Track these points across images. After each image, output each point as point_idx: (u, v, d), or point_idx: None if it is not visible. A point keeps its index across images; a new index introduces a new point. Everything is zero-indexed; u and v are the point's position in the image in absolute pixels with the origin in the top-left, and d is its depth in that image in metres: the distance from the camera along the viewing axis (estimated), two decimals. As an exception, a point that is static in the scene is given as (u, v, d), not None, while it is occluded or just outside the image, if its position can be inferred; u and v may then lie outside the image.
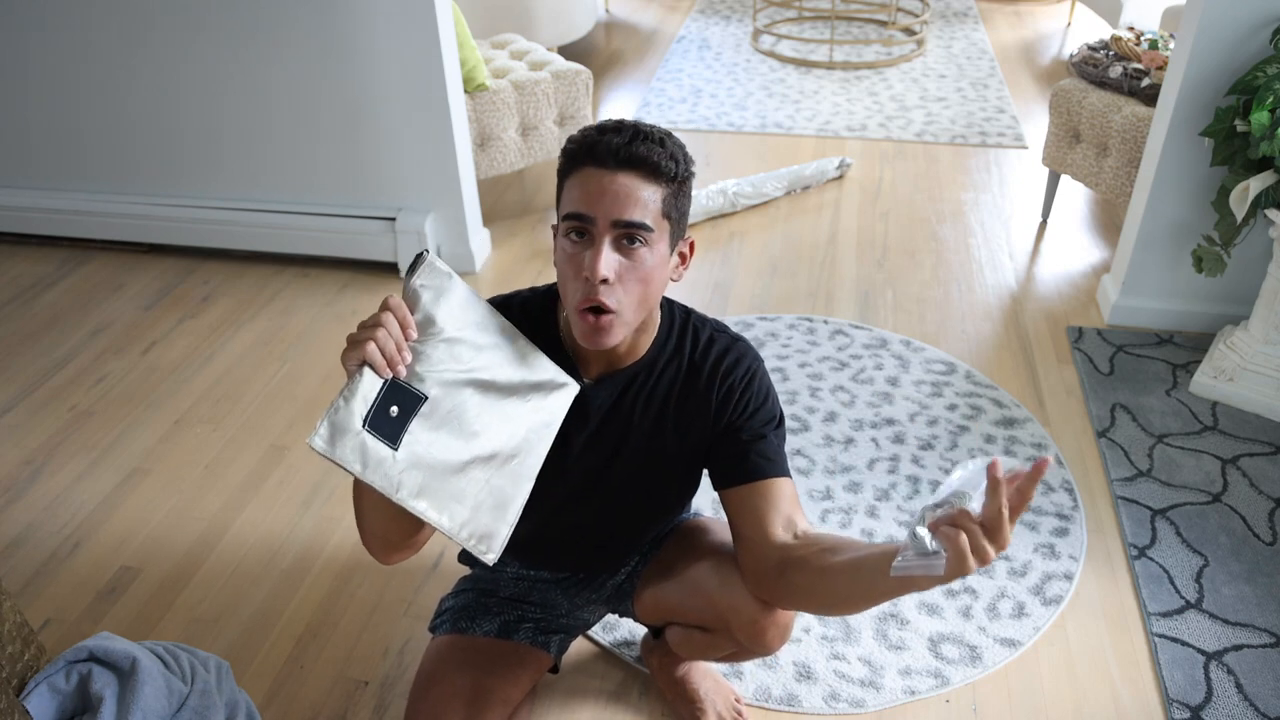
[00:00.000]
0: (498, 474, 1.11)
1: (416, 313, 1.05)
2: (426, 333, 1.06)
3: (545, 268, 2.94)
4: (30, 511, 2.08)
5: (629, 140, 1.08)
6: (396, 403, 1.02)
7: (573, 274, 1.11)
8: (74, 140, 2.97)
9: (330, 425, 0.98)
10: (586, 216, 1.09)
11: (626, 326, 1.14)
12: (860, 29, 5.01)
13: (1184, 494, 2.04)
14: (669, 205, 1.11)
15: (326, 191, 2.89)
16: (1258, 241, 2.42)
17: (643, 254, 1.10)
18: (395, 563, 1.23)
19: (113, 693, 1.26)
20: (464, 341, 1.09)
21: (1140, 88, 2.72)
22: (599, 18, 5.24)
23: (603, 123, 1.12)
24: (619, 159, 1.08)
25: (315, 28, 2.60)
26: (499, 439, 1.11)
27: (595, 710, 1.63)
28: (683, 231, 1.17)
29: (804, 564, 1.14)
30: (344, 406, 0.99)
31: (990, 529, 0.87)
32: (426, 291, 1.07)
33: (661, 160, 1.09)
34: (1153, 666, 1.70)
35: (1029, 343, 2.56)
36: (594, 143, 1.09)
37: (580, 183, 1.10)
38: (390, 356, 1.00)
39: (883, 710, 1.63)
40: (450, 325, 1.07)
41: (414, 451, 1.03)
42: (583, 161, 1.10)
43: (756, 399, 1.26)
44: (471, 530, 1.09)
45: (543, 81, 3.07)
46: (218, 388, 2.45)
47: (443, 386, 1.06)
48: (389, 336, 1.00)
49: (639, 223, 1.08)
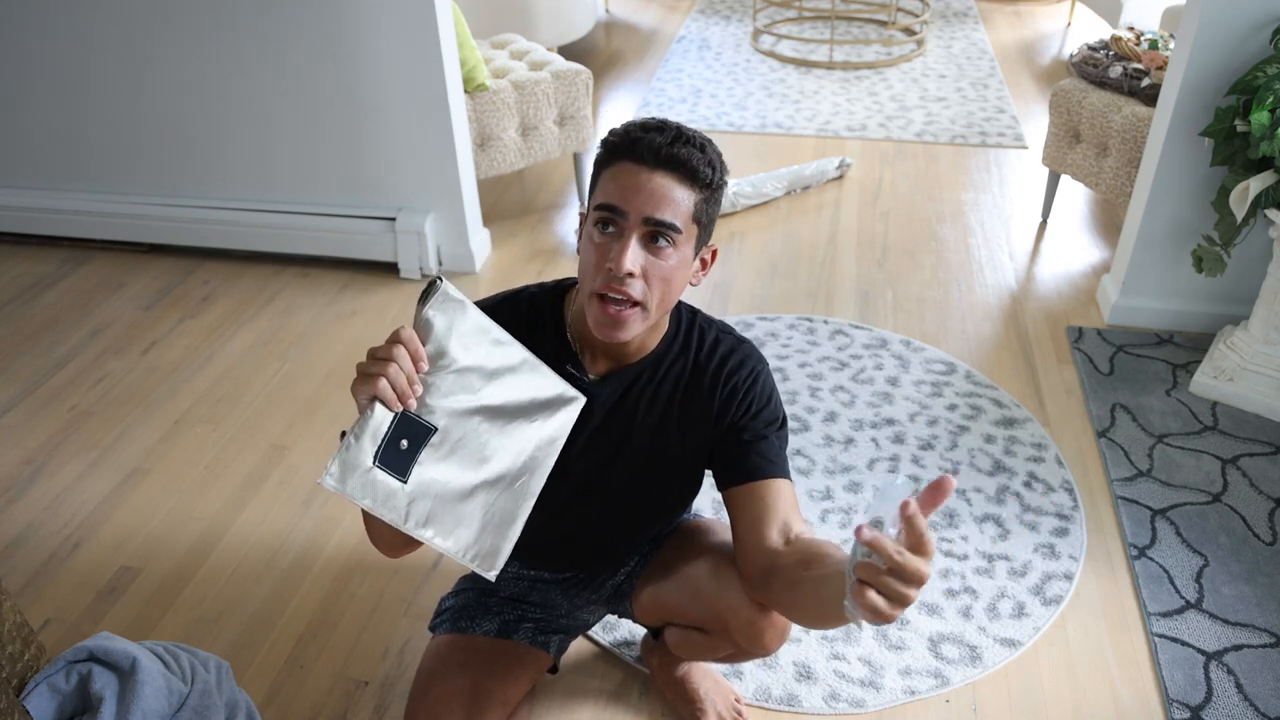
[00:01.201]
0: (503, 495, 1.11)
1: (428, 344, 1.04)
2: (437, 364, 1.05)
3: (545, 268, 2.94)
4: (30, 511, 2.08)
5: (670, 141, 1.09)
6: (406, 436, 1.02)
7: (596, 262, 1.12)
8: (74, 140, 2.97)
9: (341, 464, 0.98)
10: (619, 209, 1.09)
11: (642, 322, 1.15)
12: (860, 29, 5.01)
13: (1184, 494, 2.04)
14: (700, 210, 1.12)
15: (327, 191, 2.89)
16: (1258, 241, 2.42)
17: (668, 254, 1.11)
18: (400, 556, 1.24)
19: (113, 693, 1.26)
20: (475, 370, 1.08)
21: (1140, 88, 2.72)
22: (599, 18, 5.24)
23: (646, 120, 1.13)
24: (659, 158, 1.09)
25: (315, 28, 2.60)
26: (506, 462, 1.11)
27: (595, 710, 1.63)
28: (708, 238, 1.18)
29: (782, 575, 1.14)
30: (355, 444, 0.99)
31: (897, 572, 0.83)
32: (439, 320, 1.05)
33: (700, 165, 1.10)
34: (1153, 666, 1.70)
35: (1029, 343, 2.56)
36: (637, 139, 1.10)
37: (616, 176, 1.11)
38: (401, 391, 1.00)
39: (883, 710, 1.63)
40: (462, 355, 1.07)
41: (422, 482, 1.04)
42: (622, 156, 1.11)
43: (759, 400, 1.27)
44: (476, 551, 1.09)
45: (543, 81, 3.07)
46: (218, 388, 2.45)
47: (451, 416, 1.06)
48: (400, 372, 0.99)
49: (669, 223, 1.09)
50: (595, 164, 1.16)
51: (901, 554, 0.82)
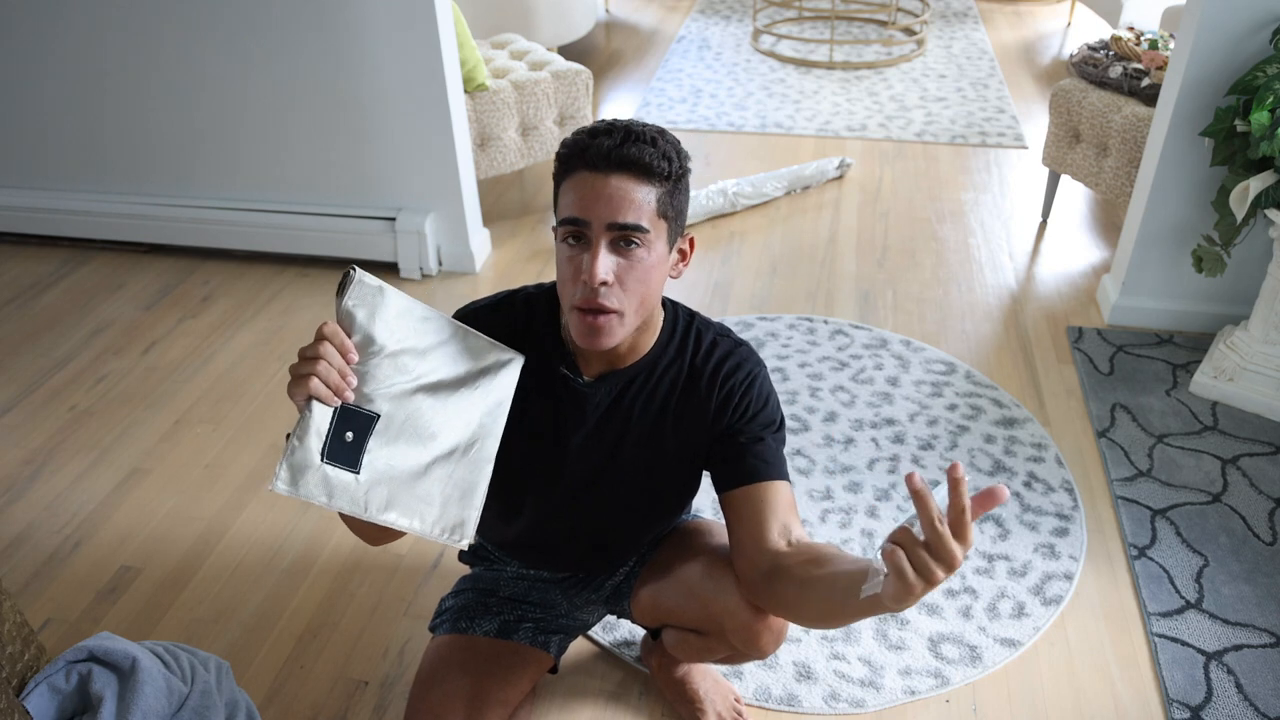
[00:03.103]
0: (459, 466, 1.12)
1: (354, 334, 1.05)
2: (367, 352, 1.05)
3: (545, 268, 2.94)
4: (30, 511, 2.08)
5: (620, 142, 1.08)
6: (351, 428, 1.03)
7: (571, 276, 1.12)
8: (74, 141, 2.97)
9: (289, 467, 0.99)
10: (581, 221, 1.09)
11: (626, 327, 1.14)
12: (860, 29, 5.01)
13: (1184, 494, 2.04)
14: (664, 204, 1.11)
15: (327, 191, 2.89)
16: (1258, 241, 2.42)
17: (639, 254, 1.10)
18: (382, 544, 1.25)
19: (113, 693, 1.26)
20: (407, 351, 1.09)
21: (1140, 88, 2.72)
22: (599, 18, 5.24)
23: (594, 125, 1.12)
24: (611, 161, 1.08)
25: (315, 28, 2.60)
26: (456, 433, 1.12)
27: (595, 710, 1.63)
28: (681, 229, 1.17)
29: (789, 575, 1.14)
30: (299, 445, 0.99)
31: (932, 546, 0.84)
32: (360, 310, 1.05)
33: (654, 160, 1.08)
34: (1153, 666, 1.70)
35: (1029, 343, 2.56)
36: (585, 146, 1.09)
37: (574, 187, 1.10)
38: (335, 385, 1.01)
39: (883, 710, 1.63)
40: (390, 340, 1.07)
41: (375, 469, 1.04)
42: (575, 166, 1.10)
43: (756, 403, 1.26)
44: (443, 526, 1.10)
45: (543, 81, 3.07)
46: (218, 388, 2.45)
47: (392, 400, 1.06)
48: (330, 367, 1.00)
49: (633, 224, 1.08)
50: (554, 179, 1.15)
51: (942, 524, 0.83)
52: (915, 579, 0.85)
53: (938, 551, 0.84)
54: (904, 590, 0.86)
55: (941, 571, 0.84)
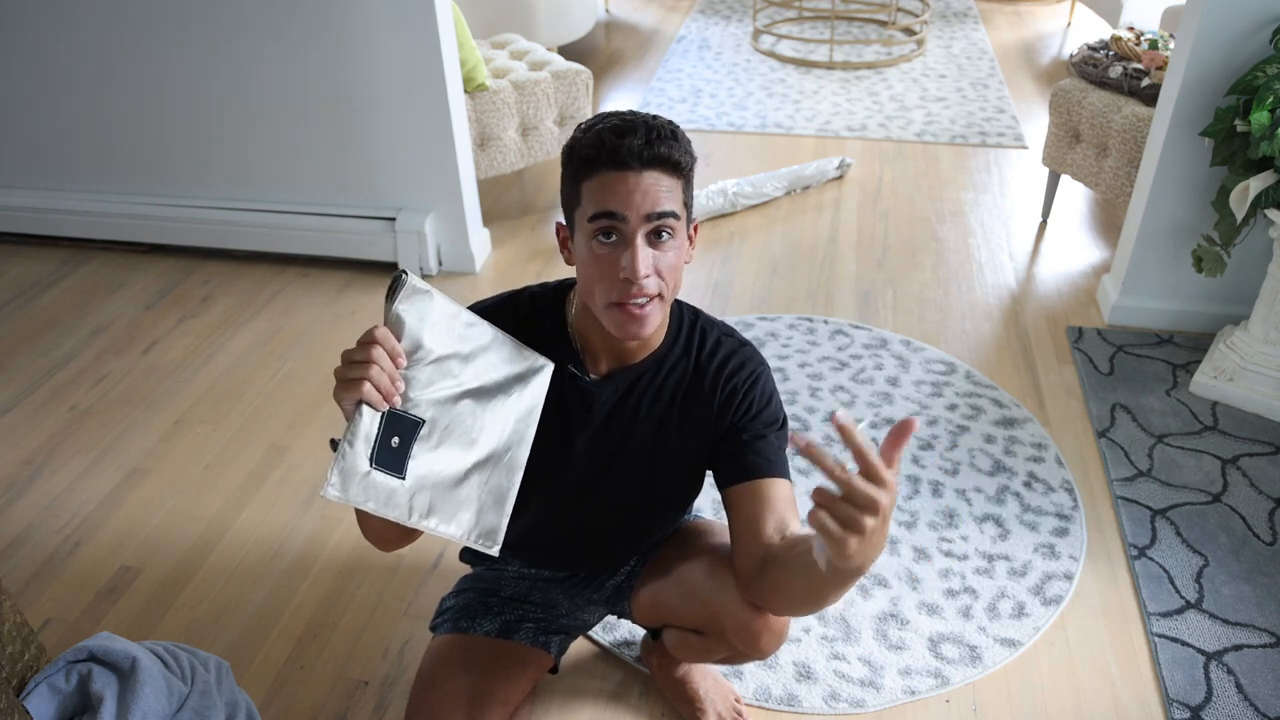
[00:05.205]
0: (494, 473, 1.13)
1: (403, 338, 1.05)
2: (414, 356, 1.06)
3: (545, 268, 2.94)
4: (30, 511, 2.08)
5: (647, 141, 1.09)
6: (397, 433, 1.03)
7: (605, 274, 1.12)
8: (74, 141, 2.96)
9: (341, 473, 0.99)
10: (619, 215, 1.09)
11: (662, 311, 1.16)
12: (860, 29, 5.01)
13: (1184, 494, 2.04)
14: (686, 194, 1.15)
15: (327, 191, 2.89)
16: (1258, 241, 2.42)
17: (670, 245, 1.13)
18: (393, 550, 1.25)
19: (113, 693, 1.27)
20: (452, 356, 1.09)
21: (1140, 88, 2.72)
22: (599, 18, 5.24)
23: (611, 123, 1.12)
24: (643, 160, 1.09)
25: (315, 28, 2.60)
26: (493, 440, 1.13)
27: (595, 710, 1.63)
28: (691, 215, 1.20)
29: (775, 560, 1.16)
30: (350, 451, 1.00)
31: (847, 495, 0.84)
32: (410, 314, 1.05)
33: (680, 156, 1.12)
34: (1153, 666, 1.70)
35: (1029, 343, 2.56)
36: (615, 147, 1.09)
37: (604, 185, 1.10)
38: (386, 391, 1.00)
39: (883, 710, 1.63)
40: (436, 344, 1.07)
41: (418, 475, 1.05)
42: (601, 166, 1.10)
43: (759, 401, 1.27)
44: (479, 531, 1.11)
45: (543, 81, 3.07)
46: (218, 388, 2.45)
47: (436, 405, 1.07)
48: (382, 372, 1.00)
49: (670, 210, 1.11)
50: (571, 178, 1.14)
51: (844, 470, 0.83)
52: (840, 531, 0.85)
53: (853, 498, 0.84)
54: (837, 547, 0.85)
55: (868, 518, 0.84)
